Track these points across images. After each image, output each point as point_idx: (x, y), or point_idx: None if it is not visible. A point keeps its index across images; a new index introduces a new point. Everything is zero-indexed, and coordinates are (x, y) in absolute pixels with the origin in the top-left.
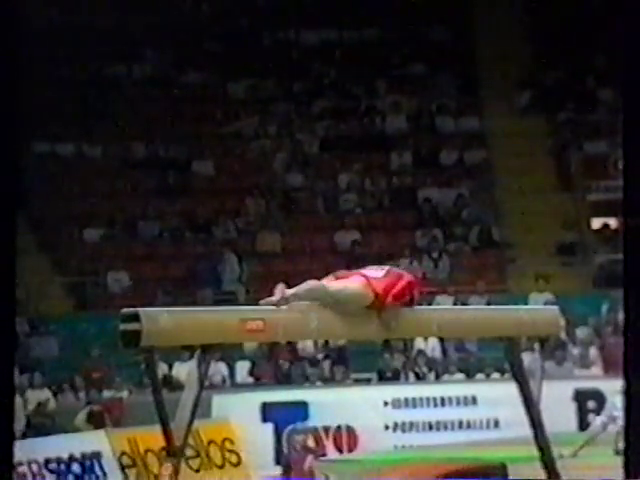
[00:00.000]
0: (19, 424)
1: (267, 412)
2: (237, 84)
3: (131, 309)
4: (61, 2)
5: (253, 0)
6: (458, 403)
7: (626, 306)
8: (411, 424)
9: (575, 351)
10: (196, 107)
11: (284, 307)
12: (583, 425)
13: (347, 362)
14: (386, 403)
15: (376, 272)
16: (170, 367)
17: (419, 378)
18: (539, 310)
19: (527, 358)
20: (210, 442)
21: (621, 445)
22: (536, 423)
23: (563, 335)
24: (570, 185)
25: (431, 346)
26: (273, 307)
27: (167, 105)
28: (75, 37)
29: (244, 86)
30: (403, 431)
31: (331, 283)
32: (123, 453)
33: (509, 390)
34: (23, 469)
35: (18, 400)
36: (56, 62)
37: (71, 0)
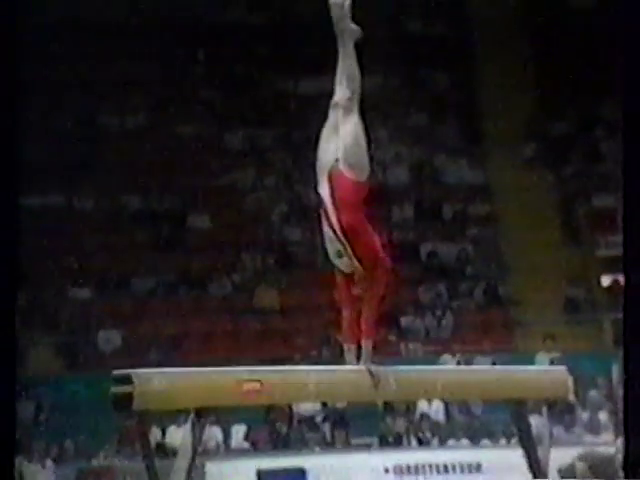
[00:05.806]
0: None
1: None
2: (233, 134)
3: (123, 371)
4: (52, 52)
5: (250, 48)
6: (462, 470)
7: (626, 364)
8: None
9: (584, 415)
10: (191, 158)
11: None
12: None
13: (347, 426)
14: (387, 470)
15: None
16: (163, 432)
17: (421, 443)
18: (547, 371)
19: (534, 422)
20: None
21: None
22: None
23: (572, 397)
24: (578, 240)
25: (435, 409)
26: (270, 367)
27: (161, 156)
28: (66, 87)
29: (240, 136)
30: None
31: None
32: None
33: (515, 456)
34: None
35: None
36: (47, 112)
37: (62, 50)
